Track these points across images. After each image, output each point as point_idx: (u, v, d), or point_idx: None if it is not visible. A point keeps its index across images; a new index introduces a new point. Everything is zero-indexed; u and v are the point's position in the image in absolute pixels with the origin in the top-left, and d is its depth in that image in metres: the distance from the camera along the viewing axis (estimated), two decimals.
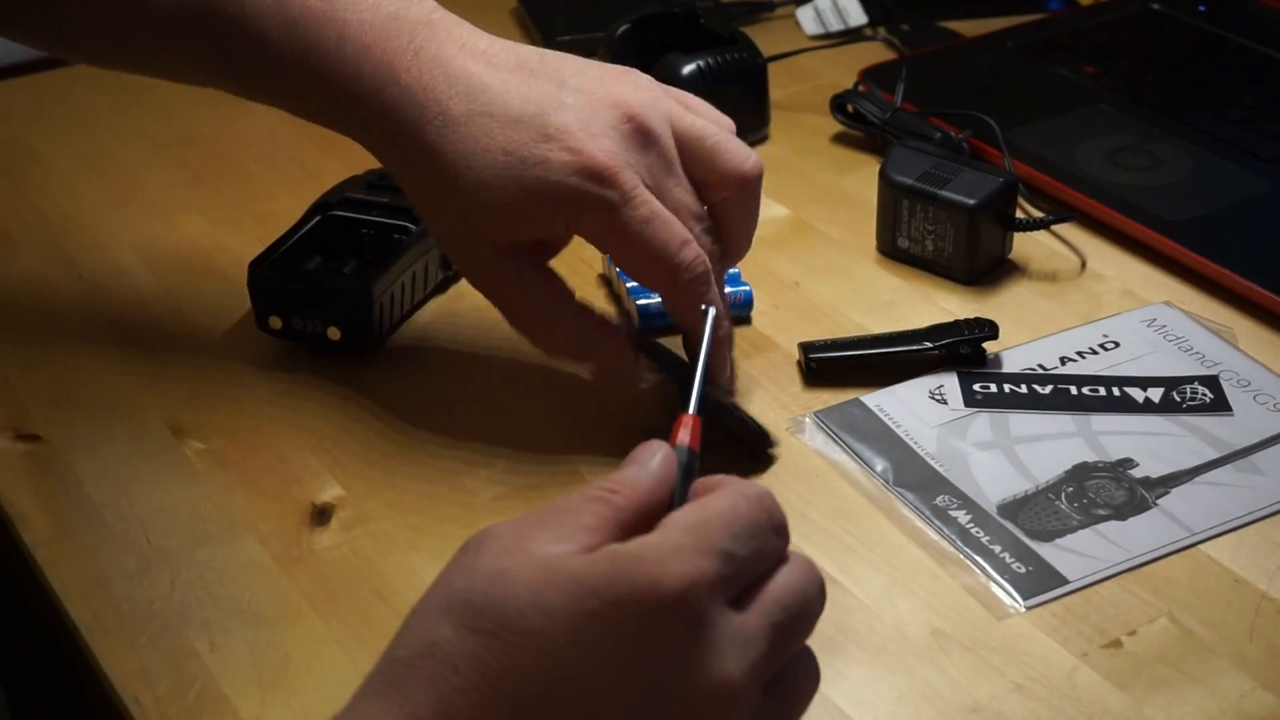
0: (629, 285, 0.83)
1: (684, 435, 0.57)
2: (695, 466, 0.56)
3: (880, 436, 0.75)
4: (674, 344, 0.81)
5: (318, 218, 0.83)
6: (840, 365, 0.79)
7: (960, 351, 0.79)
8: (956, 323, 0.80)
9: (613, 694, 0.48)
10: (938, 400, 0.77)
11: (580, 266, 0.88)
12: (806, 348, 0.79)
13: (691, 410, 0.58)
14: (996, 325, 0.79)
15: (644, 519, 0.52)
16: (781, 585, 0.52)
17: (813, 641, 0.64)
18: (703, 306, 0.68)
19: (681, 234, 0.70)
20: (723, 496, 0.52)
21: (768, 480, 0.72)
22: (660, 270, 0.70)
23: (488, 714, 0.48)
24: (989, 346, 0.79)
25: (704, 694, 0.49)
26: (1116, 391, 0.77)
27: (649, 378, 0.74)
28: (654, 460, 0.54)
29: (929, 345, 0.79)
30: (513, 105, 0.69)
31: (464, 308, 0.85)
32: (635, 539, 0.50)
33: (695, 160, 0.72)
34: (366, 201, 0.84)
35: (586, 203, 0.68)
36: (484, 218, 0.70)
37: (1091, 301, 0.85)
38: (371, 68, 0.70)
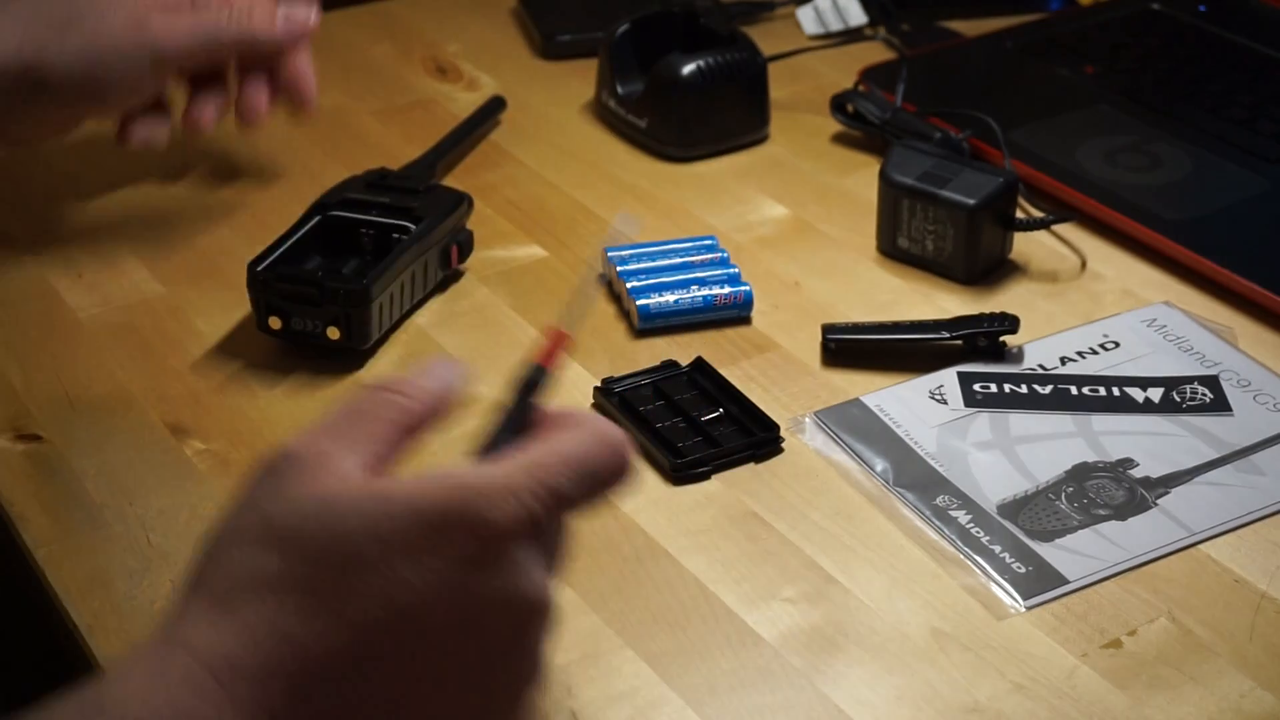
0: (629, 285, 0.83)
1: (543, 350, 0.58)
2: (541, 382, 0.57)
3: (880, 436, 0.75)
4: (674, 343, 0.81)
5: (317, 218, 0.83)
6: (858, 348, 0.80)
7: (978, 344, 0.79)
8: (977, 315, 0.80)
9: (447, 612, 0.50)
10: (938, 400, 0.77)
11: (580, 267, 0.88)
12: (828, 329, 0.80)
13: (563, 327, 0.58)
14: (1017, 319, 0.79)
15: (431, 422, 0.55)
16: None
17: (813, 642, 0.64)
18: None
19: None
20: (576, 438, 0.53)
21: (768, 480, 0.72)
22: None
23: (329, 640, 0.49)
24: (1008, 341, 0.80)
25: (526, 609, 0.51)
26: (1116, 391, 0.77)
27: None
28: (442, 369, 0.56)
29: (947, 335, 0.79)
30: None
31: (464, 308, 0.85)
32: (475, 469, 0.51)
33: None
34: (366, 201, 0.84)
35: None
36: None
37: (1091, 301, 0.85)
38: None
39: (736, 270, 0.84)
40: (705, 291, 0.82)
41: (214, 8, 0.78)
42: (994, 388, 0.77)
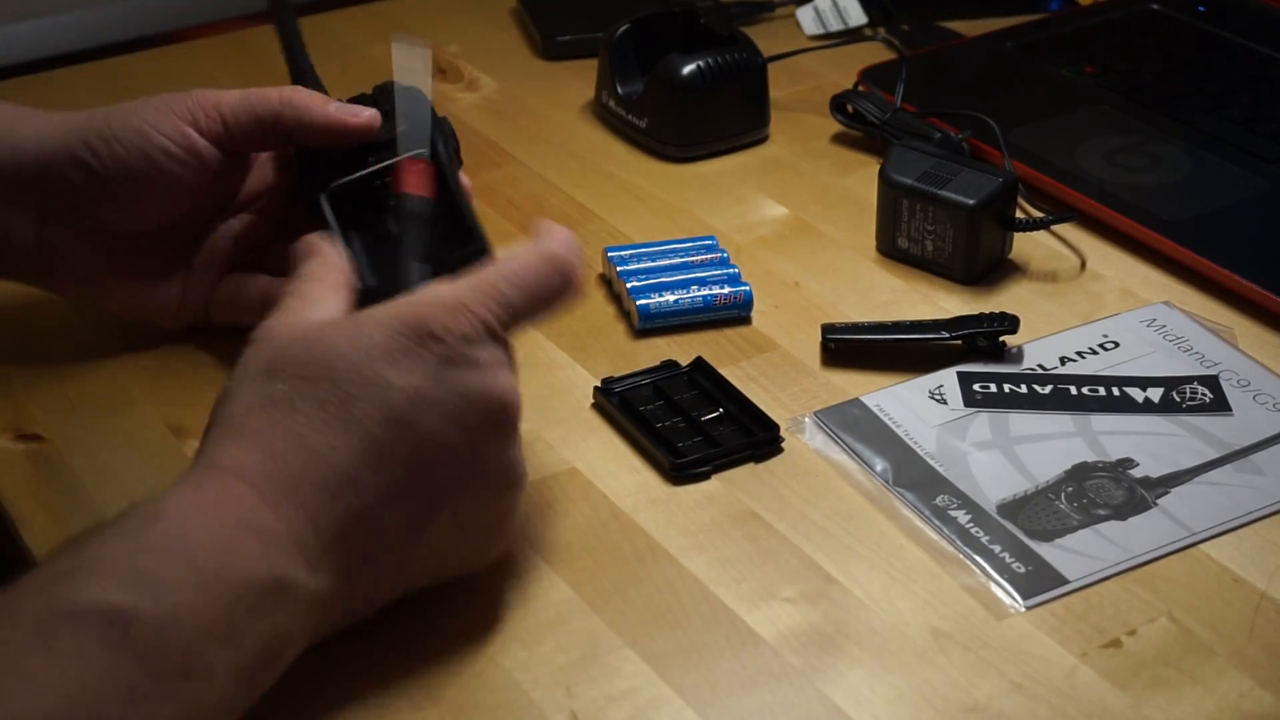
0: (629, 285, 0.83)
1: (409, 182, 0.69)
2: (426, 212, 0.69)
3: (880, 436, 0.75)
4: (674, 343, 0.81)
5: (322, 198, 0.74)
6: (858, 347, 0.80)
7: (978, 344, 0.79)
8: (976, 315, 0.80)
9: (433, 407, 0.59)
10: (937, 400, 0.77)
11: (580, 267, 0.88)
12: (827, 329, 0.80)
13: (416, 154, 0.70)
14: (1017, 319, 0.79)
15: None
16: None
17: (812, 641, 0.64)
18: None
19: None
20: (522, 259, 0.63)
21: (768, 480, 0.72)
22: None
23: (342, 442, 0.58)
24: (1007, 340, 0.80)
25: (494, 406, 0.61)
26: (1116, 391, 0.77)
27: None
28: (323, 244, 0.67)
29: (947, 335, 0.79)
30: None
31: None
32: (430, 291, 0.62)
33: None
34: (342, 157, 0.76)
35: None
36: None
37: (1091, 301, 0.85)
38: None
39: (736, 270, 0.84)
40: (705, 291, 0.82)
41: (262, 89, 0.78)
42: (994, 388, 0.77)
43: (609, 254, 0.86)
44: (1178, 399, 0.77)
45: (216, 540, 0.55)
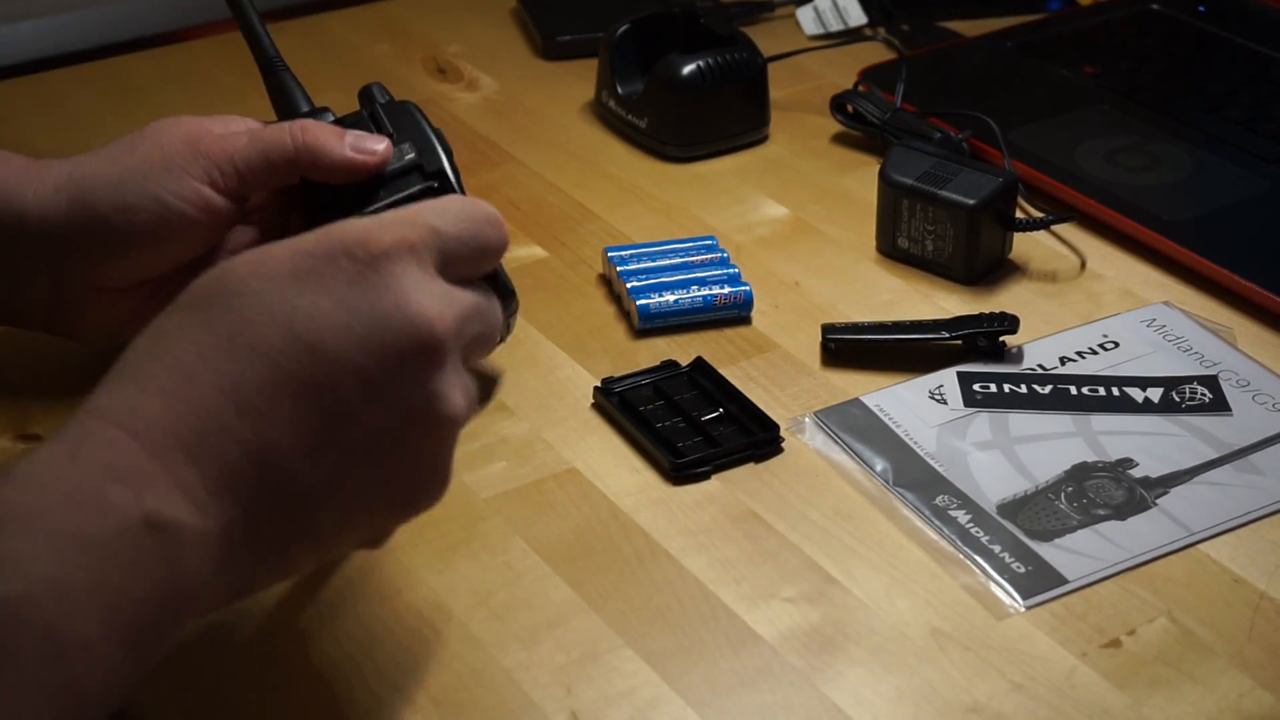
0: (629, 285, 0.83)
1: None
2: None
3: (880, 436, 0.75)
4: (674, 343, 0.81)
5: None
6: (858, 347, 0.80)
7: (978, 344, 0.79)
8: (976, 315, 0.80)
9: (344, 333, 0.53)
10: (937, 400, 0.77)
11: (580, 266, 0.88)
12: (827, 329, 0.80)
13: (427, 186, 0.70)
14: (1017, 319, 0.79)
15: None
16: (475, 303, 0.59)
17: (812, 641, 0.64)
18: None
19: None
20: (437, 199, 0.59)
21: (768, 480, 0.72)
22: None
23: (239, 371, 0.52)
24: (1007, 341, 0.80)
25: (410, 327, 0.54)
26: (1116, 391, 0.77)
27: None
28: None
29: (947, 335, 0.79)
30: None
31: None
32: (349, 219, 0.56)
33: None
34: (348, 191, 0.75)
35: None
36: None
37: (1091, 301, 0.85)
38: None
39: (736, 270, 0.84)
40: (705, 291, 0.82)
41: (273, 129, 0.76)
42: (994, 388, 0.77)
43: (609, 254, 0.86)
44: (1177, 399, 0.77)
45: (74, 497, 0.49)
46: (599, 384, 0.77)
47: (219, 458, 0.52)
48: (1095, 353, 0.80)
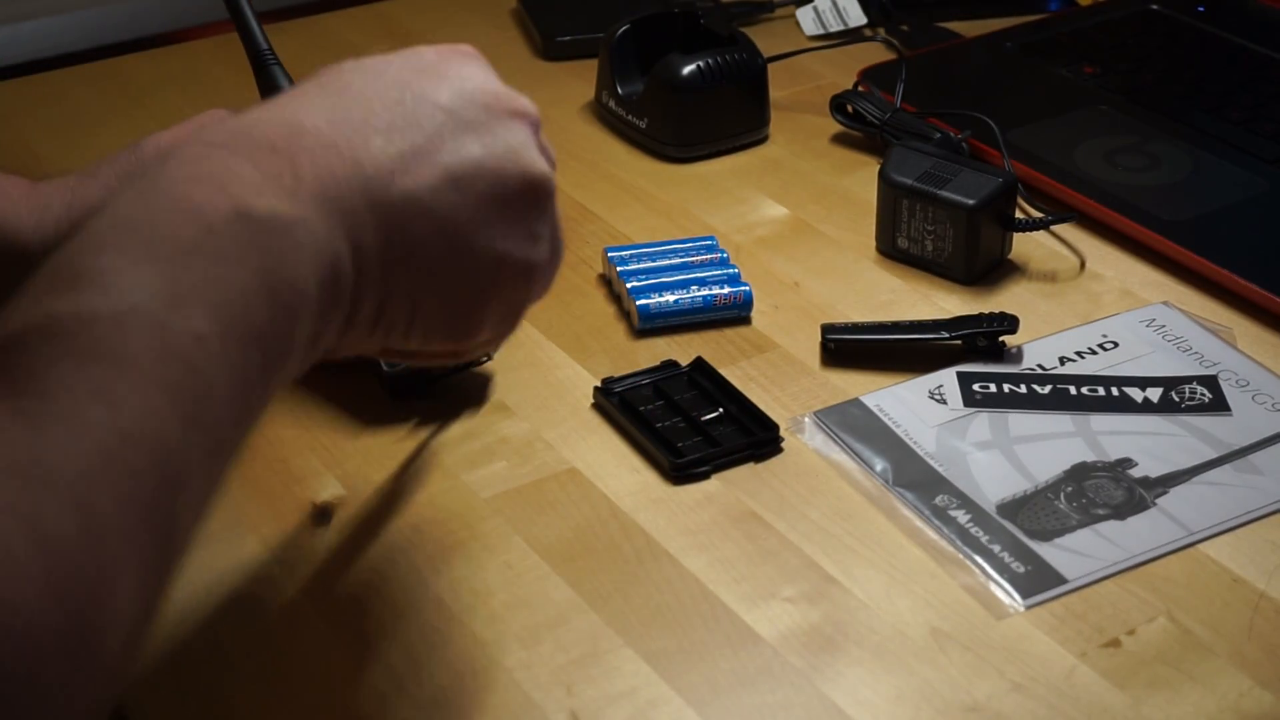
0: (629, 285, 0.83)
1: None
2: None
3: (880, 436, 0.75)
4: (674, 343, 0.81)
5: None
6: (858, 348, 0.80)
7: (978, 344, 0.79)
8: (976, 315, 0.80)
9: (469, 127, 0.58)
10: (937, 400, 0.77)
11: (580, 267, 0.88)
12: (827, 329, 0.80)
13: None
14: (1017, 319, 0.79)
15: None
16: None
17: (812, 641, 0.64)
18: None
19: None
20: None
21: (768, 480, 0.72)
22: None
23: (352, 97, 0.54)
24: (1007, 341, 0.80)
25: (535, 172, 0.59)
26: (1115, 391, 0.77)
27: None
28: None
29: (946, 335, 0.79)
30: None
31: None
32: None
33: None
34: None
35: None
36: None
37: (1091, 301, 0.85)
38: None
39: (736, 270, 0.84)
40: (705, 291, 0.83)
41: None
42: (993, 388, 0.78)
43: (609, 254, 0.86)
44: (1177, 399, 0.77)
45: (162, 208, 0.48)
46: (599, 384, 0.77)
47: (308, 155, 0.51)
48: (1095, 353, 0.80)
